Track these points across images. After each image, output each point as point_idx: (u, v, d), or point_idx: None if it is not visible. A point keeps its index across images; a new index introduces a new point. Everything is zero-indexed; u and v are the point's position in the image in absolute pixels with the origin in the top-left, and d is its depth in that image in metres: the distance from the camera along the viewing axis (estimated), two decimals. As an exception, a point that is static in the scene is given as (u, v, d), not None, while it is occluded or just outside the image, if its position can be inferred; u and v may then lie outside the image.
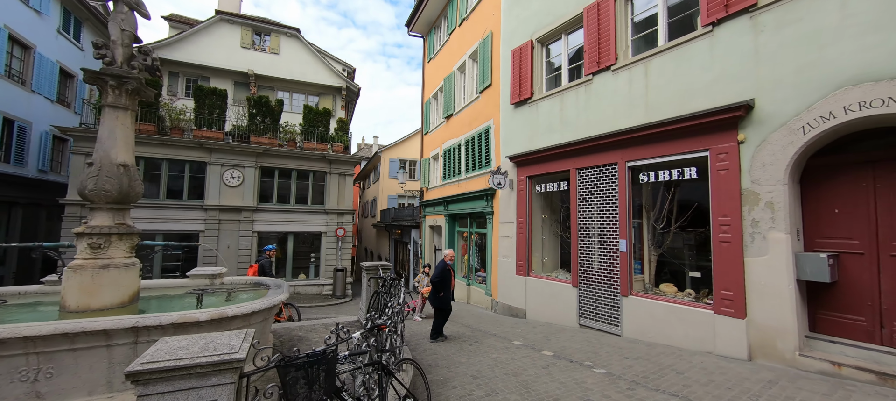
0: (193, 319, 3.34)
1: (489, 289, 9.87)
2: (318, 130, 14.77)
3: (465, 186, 11.61)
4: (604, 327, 6.58)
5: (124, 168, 4.02)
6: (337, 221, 14.78)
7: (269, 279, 5.47)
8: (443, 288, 6.43)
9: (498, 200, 9.69)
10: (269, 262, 8.48)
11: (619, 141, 6.38)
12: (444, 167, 13.46)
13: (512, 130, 9.17)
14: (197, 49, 16.25)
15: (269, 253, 8.75)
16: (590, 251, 7.02)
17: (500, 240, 9.44)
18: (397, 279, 5.06)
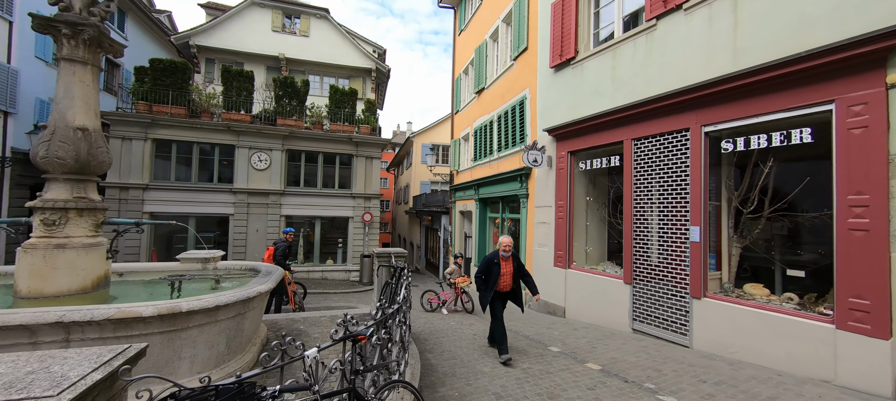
0: (135, 313, 2.65)
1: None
2: (344, 111, 14.24)
3: (497, 166, 10.45)
4: (666, 335, 5.28)
5: (83, 132, 3.43)
6: (364, 205, 14.27)
7: (261, 265, 4.83)
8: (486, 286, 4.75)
9: (533, 180, 8.48)
10: (285, 245, 7.88)
11: (693, 99, 4.95)
12: (475, 147, 12.36)
13: (551, 98, 7.87)
14: (230, 34, 16.30)
15: (286, 235, 8.21)
16: (647, 241, 5.68)
17: (535, 226, 8.26)
18: (402, 270, 4.17)
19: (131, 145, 11.85)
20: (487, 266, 4.75)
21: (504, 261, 4.74)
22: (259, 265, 4.83)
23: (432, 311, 8.15)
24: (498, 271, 4.69)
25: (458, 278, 8.13)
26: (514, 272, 4.83)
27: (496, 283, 4.69)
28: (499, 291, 4.78)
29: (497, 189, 10.41)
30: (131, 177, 11.80)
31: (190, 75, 12.81)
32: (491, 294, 4.70)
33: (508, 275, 4.80)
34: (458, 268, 8.40)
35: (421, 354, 5.01)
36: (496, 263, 4.72)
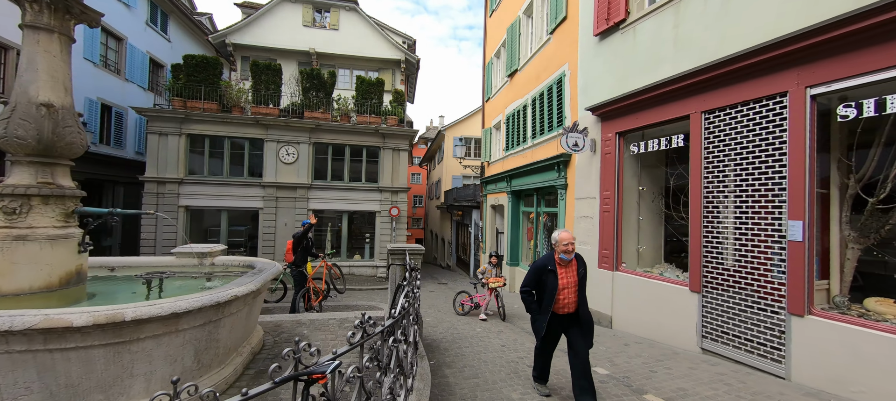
0: (64, 323, 2.13)
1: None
2: (371, 102, 13.80)
3: (532, 155, 9.44)
4: (750, 361, 4.12)
5: (48, 109, 3.03)
6: (391, 199, 13.80)
7: (259, 261, 4.31)
8: (538, 305, 3.34)
9: (573, 169, 7.41)
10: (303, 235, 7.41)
11: (795, 53, 3.74)
12: (507, 136, 11.38)
13: (595, 71, 6.76)
14: (262, 31, 16.47)
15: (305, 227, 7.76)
16: (722, 239, 4.52)
17: (575, 221, 7.21)
18: (413, 271, 3.43)
19: (167, 140, 12.15)
20: (538, 276, 3.26)
21: (563, 267, 3.21)
22: (257, 261, 4.32)
23: (465, 314, 7.40)
24: (554, 284, 3.15)
25: (490, 278, 7.17)
26: (578, 284, 3.23)
27: (552, 301, 3.15)
28: (557, 313, 3.22)
29: (531, 180, 9.40)
30: (167, 171, 12.11)
31: (221, 70, 12.96)
32: (546, 318, 3.20)
33: (570, 289, 3.19)
34: (491, 267, 7.40)
35: (438, 368, 4.27)
36: (551, 270, 3.18)
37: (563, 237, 3.22)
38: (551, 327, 3.27)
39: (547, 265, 3.23)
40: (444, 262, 24.63)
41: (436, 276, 17.35)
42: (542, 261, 3.29)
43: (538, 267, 3.29)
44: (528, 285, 3.34)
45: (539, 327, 3.29)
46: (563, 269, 3.22)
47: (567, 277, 3.21)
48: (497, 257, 7.52)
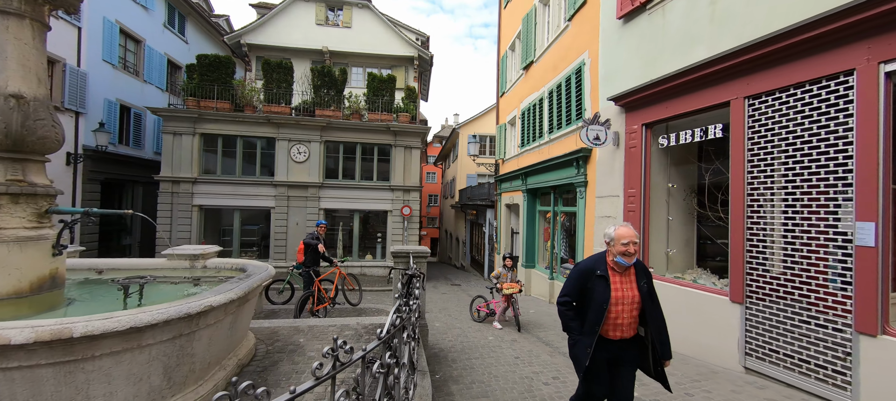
0: (1, 340, 1.84)
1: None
2: (382, 99, 13.53)
3: (548, 150, 8.91)
4: (806, 385, 3.54)
5: (17, 100, 2.79)
6: (403, 198, 13.50)
7: (253, 264, 4.02)
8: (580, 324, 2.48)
9: (594, 164, 6.86)
10: (315, 239, 7.19)
11: (865, 21, 3.14)
12: (523, 131, 10.87)
13: (617, 58, 6.20)
14: (276, 31, 16.49)
15: (318, 228, 7.53)
16: (769, 242, 3.94)
17: (596, 222, 6.67)
18: (412, 278, 3.05)
19: (181, 140, 12.23)
20: (581, 282, 2.44)
21: (618, 274, 2.40)
22: (249, 264, 4.04)
23: (480, 321, 6.92)
24: (604, 295, 2.33)
25: (504, 284, 6.40)
26: (641, 302, 2.39)
27: (600, 319, 2.33)
28: (606, 337, 2.40)
29: (548, 177, 8.87)
30: (182, 171, 12.19)
31: (233, 70, 12.96)
32: (591, 342, 2.35)
33: (627, 306, 2.37)
34: (506, 271, 6.56)
35: (443, 383, 3.88)
36: (601, 277, 2.37)
37: (622, 234, 2.34)
38: (598, 356, 2.36)
39: (595, 269, 2.40)
40: (459, 262, 24.24)
41: (449, 276, 16.97)
42: (590, 262, 2.48)
43: (583, 270, 2.45)
44: (569, 295, 2.47)
45: (580, 353, 2.39)
46: (619, 276, 2.38)
47: (623, 288, 2.37)
48: (512, 259, 6.67)
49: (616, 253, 2.36)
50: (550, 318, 7.10)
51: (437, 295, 10.65)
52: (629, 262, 2.34)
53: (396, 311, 2.30)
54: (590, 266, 2.46)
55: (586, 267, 2.47)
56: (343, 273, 7.17)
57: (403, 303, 2.17)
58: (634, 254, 2.35)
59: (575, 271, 2.52)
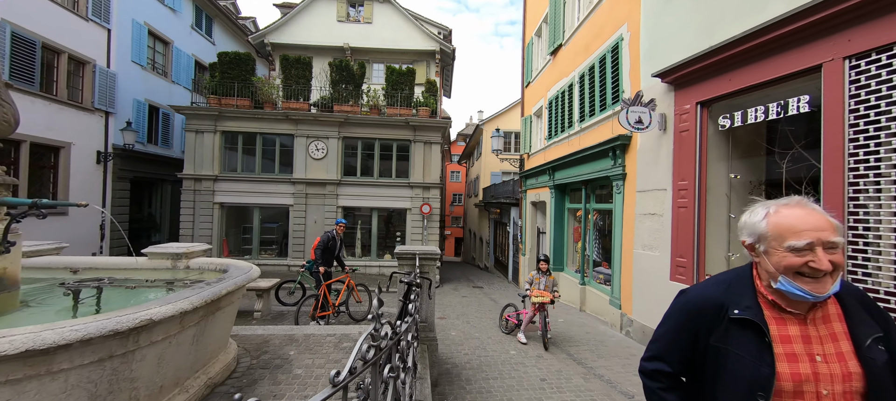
0: None
1: (617, 296, 6.30)
2: (402, 93, 13.04)
3: (579, 142, 8.02)
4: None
5: (-47, 73, 2.40)
6: (422, 196, 12.94)
7: (234, 264, 3.54)
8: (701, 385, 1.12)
9: (634, 154, 5.95)
10: (332, 237, 6.69)
11: None
12: (550, 122, 9.99)
13: (665, 27, 5.28)
14: (298, 29, 16.44)
15: (337, 227, 7.03)
16: (879, 248, 2.98)
17: (637, 220, 5.77)
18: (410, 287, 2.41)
19: (203, 138, 12.29)
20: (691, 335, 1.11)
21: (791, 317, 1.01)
22: (232, 265, 3.55)
23: (509, 332, 6.03)
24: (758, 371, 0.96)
25: (533, 291, 5.37)
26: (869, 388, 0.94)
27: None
28: None
29: (579, 171, 7.98)
30: (204, 169, 12.24)
31: (253, 67, 12.90)
32: None
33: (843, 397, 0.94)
34: (540, 275, 5.53)
35: (453, 413, 3.22)
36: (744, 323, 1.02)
37: (795, 222, 0.98)
38: None
39: (726, 304, 1.07)
40: (482, 263, 23.46)
41: (471, 278, 16.26)
42: (713, 290, 1.12)
43: (699, 306, 1.12)
44: (664, 358, 1.17)
45: None
46: (795, 323, 1.01)
47: (808, 350, 0.98)
48: (546, 262, 5.62)
49: (782, 268, 0.98)
50: (582, 330, 6.26)
51: (457, 298, 10.00)
52: (823, 290, 0.95)
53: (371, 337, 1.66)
54: (713, 299, 1.09)
55: (705, 299, 1.11)
56: (353, 283, 6.64)
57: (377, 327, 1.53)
58: (833, 271, 0.95)
59: (679, 307, 1.18)
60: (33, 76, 9.71)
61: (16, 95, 9.32)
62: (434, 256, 3.88)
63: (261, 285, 6.41)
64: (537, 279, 5.56)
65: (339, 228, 6.89)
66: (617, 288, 6.30)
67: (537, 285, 5.52)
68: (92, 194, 11.60)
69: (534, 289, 5.45)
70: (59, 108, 10.48)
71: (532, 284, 5.51)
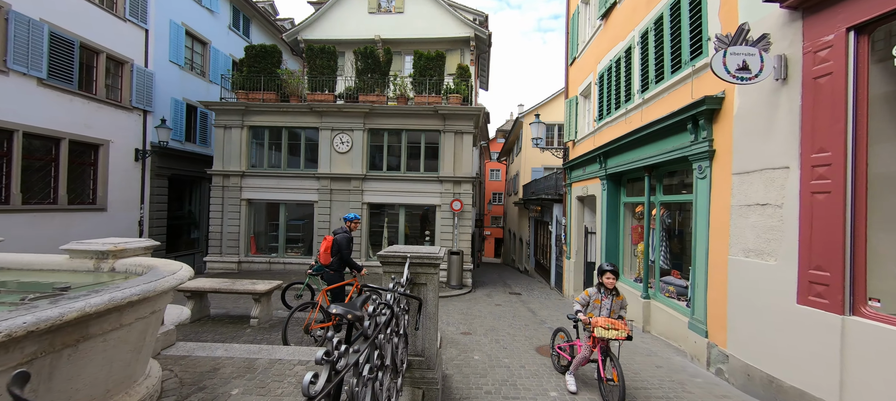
0: None
1: (700, 318, 4.64)
2: (430, 80, 11.98)
3: (640, 117, 6.36)
4: None
5: None
6: (453, 191, 11.77)
7: (161, 262, 2.60)
8: None
9: (728, 120, 4.27)
10: (346, 236, 5.56)
11: None
12: (601, 100, 8.34)
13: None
14: (330, 24, 16.11)
15: (349, 223, 5.85)
16: None
17: (735, 214, 4.10)
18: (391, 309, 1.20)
19: (231, 133, 12.14)
20: None
21: None
22: (157, 266, 2.61)
23: (564, 369, 4.09)
24: None
25: (596, 319, 3.53)
26: None
27: None
28: None
29: (640, 155, 6.32)
30: (231, 165, 12.08)
31: (280, 59, 12.56)
32: None
33: None
34: (602, 294, 3.72)
35: None
36: None
37: None
38: None
39: None
40: (522, 265, 21.78)
41: (509, 281, 14.79)
42: None
43: None
44: None
45: None
46: None
47: None
48: (614, 274, 3.70)
49: None
50: (650, 363, 4.66)
51: (490, 307, 8.68)
52: None
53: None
54: None
55: None
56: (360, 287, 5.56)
57: None
58: None
59: None
60: (71, 75, 9.92)
61: (54, 94, 9.59)
62: (433, 261, 2.67)
63: (257, 289, 5.60)
64: (597, 300, 3.68)
65: (353, 224, 5.83)
66: (700, 307, 4.63)
67: (597, 309, 3.66)
68: (130, 191, 11.85)
69: (591, 314, 3.64)
70: (98, 106, 10.70)
71: (588, 306, 3.70)
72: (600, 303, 3.68)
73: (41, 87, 9.26)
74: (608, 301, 3.68)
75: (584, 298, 3.74)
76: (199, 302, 5.84)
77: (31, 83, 9.03)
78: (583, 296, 3.75)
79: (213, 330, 5.38)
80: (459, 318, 7.20)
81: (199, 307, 5.88)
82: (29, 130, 9.03)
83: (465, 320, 7.06)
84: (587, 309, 3.70)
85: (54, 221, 9.63)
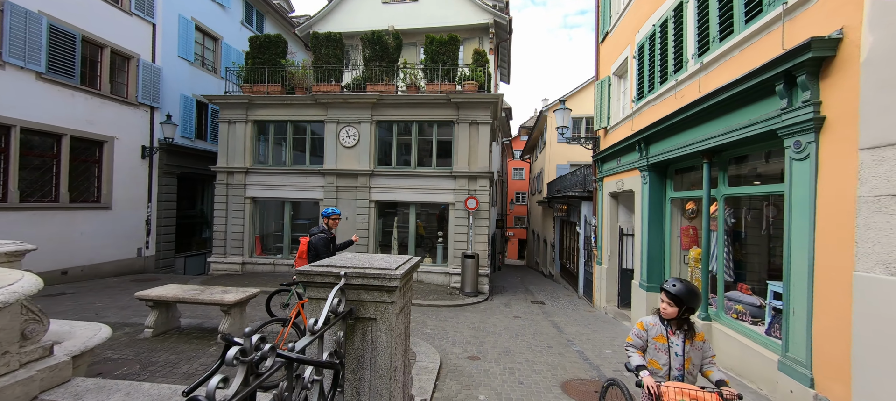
0: None
1: (799, 356, 3.28)
2: (442, 66, 10.94)
3: (700, 86, 5.00)
4: None
5: None
6: (468, 188, 10.64)
7: (16, 275, 1.70)
8: None
9: (847, 74, 2.92)
10: (323, 238, 4.67)
11: None
12: (640, 76, 6.96)
13: None
14: (343, 16, 15.47)
15: (328, 220, 4.96)
16: None
17: (864, 208, 2.76)
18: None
19: (235, 128, 11.62)
20: None
21: None
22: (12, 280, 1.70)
23: None
24: None
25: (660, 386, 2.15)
26: None
27: None
28: None
29: (697, 135, 4.96)
30: (235, 161, 11.55)
31: (285, 50, 11.91)
32: None
33: None
34: (669, 331, 2.36)
35: None
36: None
37: None
38: None
39: None
40: (546, 269, 20.28)
41: (531, 288, 13.46)
42: None
43: None
44: None
45: None
46: None
47: None
48: (672, 297, 2.29)
49: None
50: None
51: (507, 320, 7.50)
52: None
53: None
54: None
55: None
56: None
57: None
58: None
59: None
60: (73, 70, 9.63)
61: (54, 89, 9.32)
62: (387, 283, 1.59)
63: (226, 299, 4.74)
64: (659, 338, 2.35)
65: (331, 220, 4.94)
66: (799, 341, 3.28)
67: (662, 354, 2.34)
68: (137, 189, 11.56)
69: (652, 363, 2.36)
70: (102, 102, 10.41)
71: (646, 350, 2.40)
72: (666, 342, 2.36)
73: (40, 82, 8.98)
74: (679, 343, 2.30)
75: (638, 337, 2.42)
76: (165, 313, 5.07)
77: (29, 77, 8.76)
78: (637, 331, 2.44)
79: (173, 348, 4.56)
80: (469, 334, 6.08)
81: (166, 319, 5.10)
82: (27, 126, 8.75)
83: (475, 337, 5.94)
84: (646, 354, 2.42)
85: (55, 220, 9.35)
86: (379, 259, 1.83)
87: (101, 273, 10.45)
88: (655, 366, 2.41)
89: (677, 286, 2.33)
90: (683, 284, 2.34)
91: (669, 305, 2.34)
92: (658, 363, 2.40)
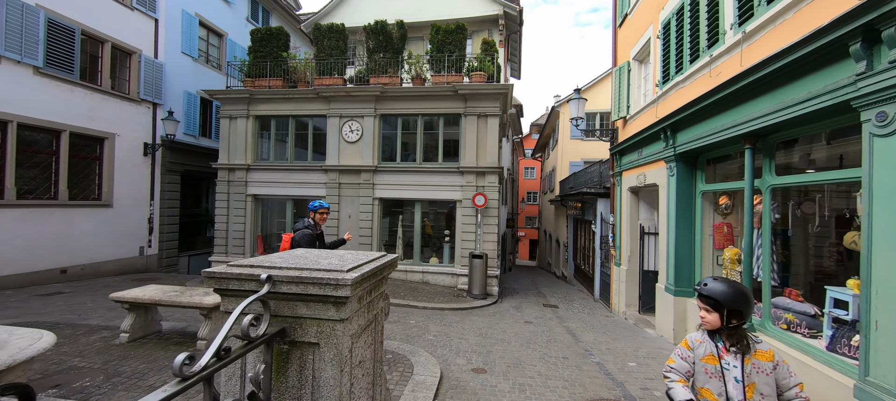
0: None
1: (887, 383, 2.63)
2: (449, 56, 10.40)
3: (741, 59, 4.32)
4: None
5: None
6: (476, 184, 10.07)
7: None
8: None
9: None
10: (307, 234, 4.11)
11: None
12: (666, 57, 6.28)
13: None
14: (349, 10, 15.09)
15: (314, 214, 4.42)
16: None
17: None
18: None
19: (237, 124, 11.32)
20: None
21: None
22: None
23: None
24: None
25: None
26: None
27: None
28: None
29: (738, 116, 4.29)
30: (237, 157, 11.25)
31: (287, 43, 11.56)
32: None
33: None
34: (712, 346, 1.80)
35: None
36: None
37: None
38: None
39: None
40: (559, 270, 19.52)
41: (543, 290, 12.79)
42: None
43: None
44: None
45: None
46: None
47: None
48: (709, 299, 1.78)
49: None
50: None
51: (517, 325, 6.91)
52: None
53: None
54: None
55: None
56: None
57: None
58: None
59: None
60: (72, 65, 9.44)
61: (52, 84, 9.14)
62: (332, 292, 1.06)
63: (205, 302, 4.31)
64: (709, 359, 1.77)
65: (319, 215, 4.43)
66: (885, 362, 2.62)
67: (716, 380, 1.75)
68: (139, 186, 11.36)
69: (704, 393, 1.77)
70: (102, 98, 10.22)
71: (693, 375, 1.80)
72: (718, 364, 1.77)
73: (38, 77, 8.79)
74: (736, 364, 1.74)
75: (683, 358, 1.82)
76: (143, 316, 4.66)
77: (26, 72, 8.58)
78: (682, 351, 1.85)
79: (146, 356, 4.14)
80: (475, 342, 5.52)
81: (145, 322, 4.70)
82: (24, 121, 8.56)
83: (481, 345, 5.37)
84: (693, 380, 1.85)
85: (54, 217, 9.15)
86: (333, 258, 1.30)
87: (102, 272, 10.26)
88: (709, 398, 1.82)
89: (710, 285, 1.82)
90: (722, 282, 1.81)
91: (707, 311, 1.83)
92: (713, 394, 1.81)
